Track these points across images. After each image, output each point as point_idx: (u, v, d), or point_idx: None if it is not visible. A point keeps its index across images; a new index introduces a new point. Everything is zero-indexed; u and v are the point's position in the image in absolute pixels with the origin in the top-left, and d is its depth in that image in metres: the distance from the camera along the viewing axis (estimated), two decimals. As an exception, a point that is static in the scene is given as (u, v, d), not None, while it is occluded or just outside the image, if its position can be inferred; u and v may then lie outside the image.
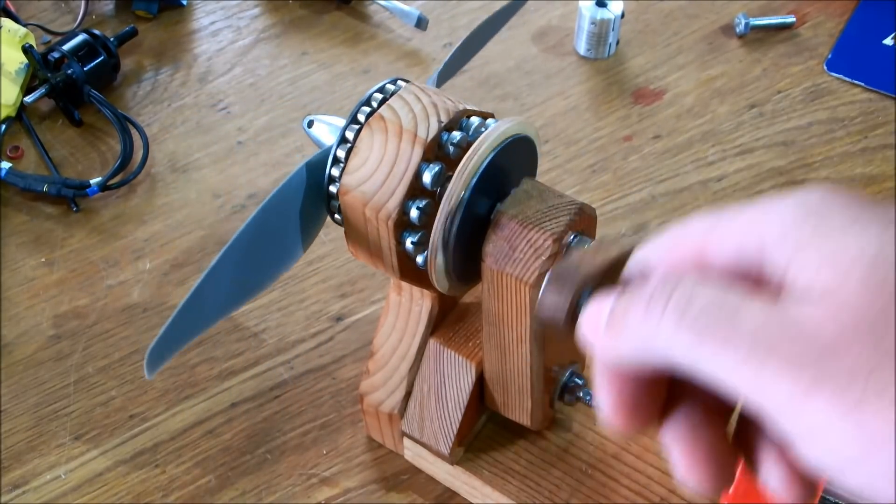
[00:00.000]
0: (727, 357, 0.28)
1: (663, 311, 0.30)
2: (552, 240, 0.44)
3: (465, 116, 0.47)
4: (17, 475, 0.59)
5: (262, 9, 0.85)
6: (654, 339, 0.30)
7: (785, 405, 0.27)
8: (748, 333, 0.28)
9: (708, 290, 0.29)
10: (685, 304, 0.29)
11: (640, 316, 0.30)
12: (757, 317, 0.28)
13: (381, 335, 0.55)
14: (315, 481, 0.59)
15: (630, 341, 0.31)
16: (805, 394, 0.27)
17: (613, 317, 0.32)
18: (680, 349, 0.29)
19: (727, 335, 0.28)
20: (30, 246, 0.70)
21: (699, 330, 0.29)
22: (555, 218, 0.45)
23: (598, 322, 0.32)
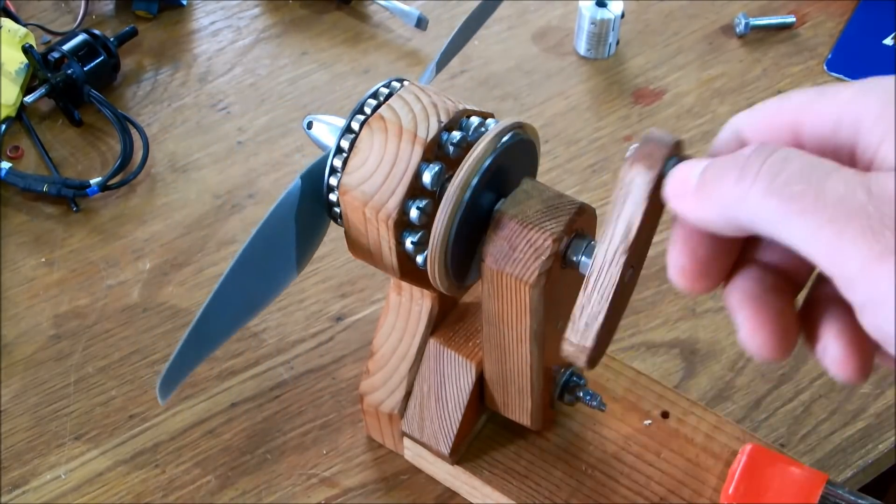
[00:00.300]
0: (810, 221, 0.29)
1: (755, 177, 0.31)
2: (552, 240, 0.44)
3: (465, 116, 0.47)
4: (17, 475, 0.59)
5: (262, 9, 0.85)
6: (744, 204, 0.31)
7: (858, 271, 0.28)
8: (832, 199, 0.29)
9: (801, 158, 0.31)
10: (777, 171, 0.30)
11: (732, 180, 0.31)
12: (843, 185, 0.29)
13: (381, 335, 0.55)
14: (315, 481, 0.59)
15: (719, 204, 0.32)
16: (878, 260, 0.28)
17: (705, 179, 0.33)
18: (767, 214, 0.30)
19: (813, 200, 0.29)
20: (30, 246, 0.70)
21: (788, 195, 0.30)
22: (555, 218, 0.45)
23: (686, 183, 0.34)
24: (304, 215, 0.48)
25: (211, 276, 0.68)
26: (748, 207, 0.31)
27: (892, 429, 0.61)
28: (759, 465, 0.54)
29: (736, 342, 0.65)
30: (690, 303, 0.66)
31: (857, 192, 0.29)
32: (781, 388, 0.63)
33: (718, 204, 0.32)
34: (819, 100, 0.33)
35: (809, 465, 0.56)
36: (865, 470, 0.60)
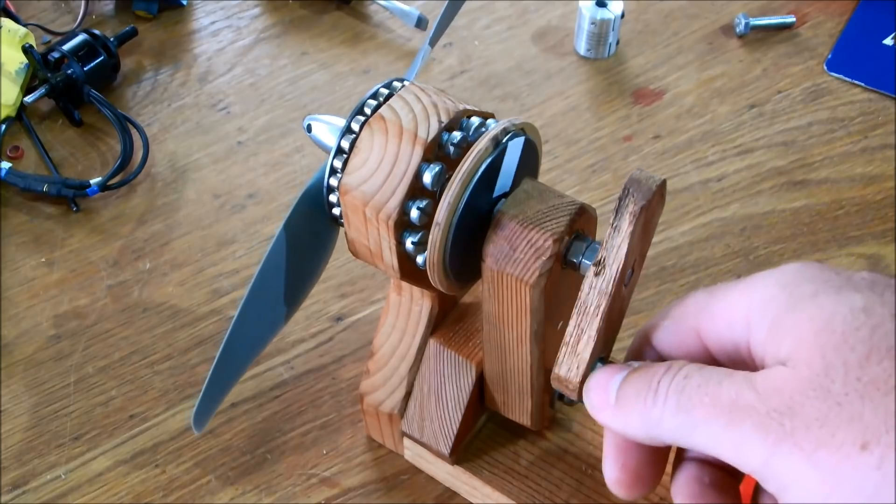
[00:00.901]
0: (713, 427, 0.32)
1: (665, 397, 0.34)
2: (552, 240, 0.44)
3: (465, 116, 0.47)
4: (17, 475, 0.59)
5: (262, 9, 0.85)
6: (659, 423, 0.34)
7: (761, 461, 0.31)
8: (727, 404, 0.32)
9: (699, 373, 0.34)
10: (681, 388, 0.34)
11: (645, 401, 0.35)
12: (734, 389, 0.32)
13: (381, 335, 0.55)
14: (315, 481, 0.59)
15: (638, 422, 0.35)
16: (774, 448, 0.31)
17: (622, 396, 0.36)
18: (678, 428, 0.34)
19: (711, 408, 0.33)
20: (30, 246, 0.70)
21: (690, 408, 0.33)
22: (555, 218, 0.45)
23: (606, 396, 0.37)
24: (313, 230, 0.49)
25: (211, 276, 0.68)
26: (664, 425, 0.34)
27: (892, 429, 0.61)
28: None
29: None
30: (690, 303, 0.66)
31: (744, 392, 0.32)
32: (781, 388, 0.63)
33: (637, 423, 0.35)
34: (711, 303, 0.36)
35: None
36: (865, 470, 0.60)
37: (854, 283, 0.33)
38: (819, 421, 0.30)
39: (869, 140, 0.75)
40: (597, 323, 0.40)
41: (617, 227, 0.40)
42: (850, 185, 0.72)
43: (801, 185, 0.72)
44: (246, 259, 0.69)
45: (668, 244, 0.69)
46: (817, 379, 0.31)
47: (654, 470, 0.39)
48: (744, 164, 0.74)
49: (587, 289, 0.40)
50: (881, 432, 0.29)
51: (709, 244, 0.69)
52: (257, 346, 0.52)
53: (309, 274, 0.53)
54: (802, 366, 0.31)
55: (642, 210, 0.39)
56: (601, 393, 0.37)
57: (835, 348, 0.31)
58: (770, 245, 0.69)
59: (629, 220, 0.39)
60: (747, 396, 0.32)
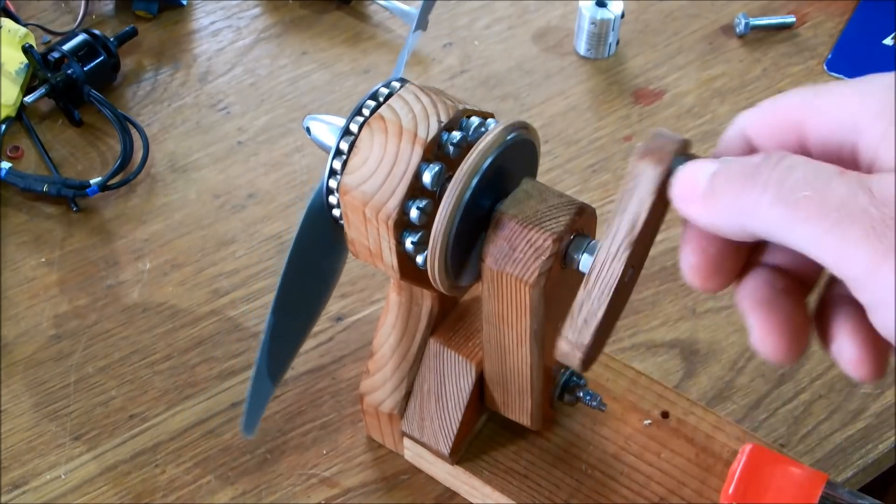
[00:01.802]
0: (815, 227, 0.30)
1: (764, 187, 0.31)
2: (552, 240, 0.44)
3: (465, 116, 0.47)
4: (17, 475, 0.59)
5: (262, 9, 0.85)
6: (753, 213, 0.31)
7: (864, 272, 0.29)
8: (835, 204, 0.30)
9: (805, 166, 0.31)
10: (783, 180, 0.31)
11: (742, 189, 0.32)
12: (845, 189, 0.30)
13: (381, 335, 0.55)
14: (315, 481, 0.59)
15: (728, 212, 0.32)
16: (882, 260, 0.29)
17: (714, 186, 0.33)
18: (775, 222, 0.31)
19: (817, 206, 0.30)
20: (30, 246, 0.70)
21: (794, 202, 0.30)
22: (555, 218, 0.45)
23: (694, 187, 0.34)
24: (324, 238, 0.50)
25: (211, 276, 0.68)
26: (758, 217, 0.31)
27: (892, 429, 0.61)
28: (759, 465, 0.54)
29: (736, 342, 0.65)
30: (690, 303, 0.66)
31: (858, 195, 0.30)
32: (781, 388, 0.63)
33: (728, 212, 0.33)
34: (818, 98, 0.33)
35: (809, 465, 0.56)
36: (865, 470, 0.60)
37: None
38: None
39: (869, 140, 0.75)
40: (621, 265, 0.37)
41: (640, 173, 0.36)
42: (850, 185, 0.72)
43: (801, 185, 0.72)
44: (246, 259, 0.69)
45: (668, 244, 0.69)
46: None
47: (734, 262, 0.35)
48: (744, 164, 0.74)
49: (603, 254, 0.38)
50: None
51: (709, 244, 0.69)
52: (292, 349, 0.53)
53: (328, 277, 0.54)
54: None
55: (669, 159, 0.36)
56: (690, 182, 0.34)
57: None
58: (770, 245, 0.69)
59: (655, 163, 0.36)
60: (861, 199, 0.29)
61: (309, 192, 0.72)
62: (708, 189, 0.33)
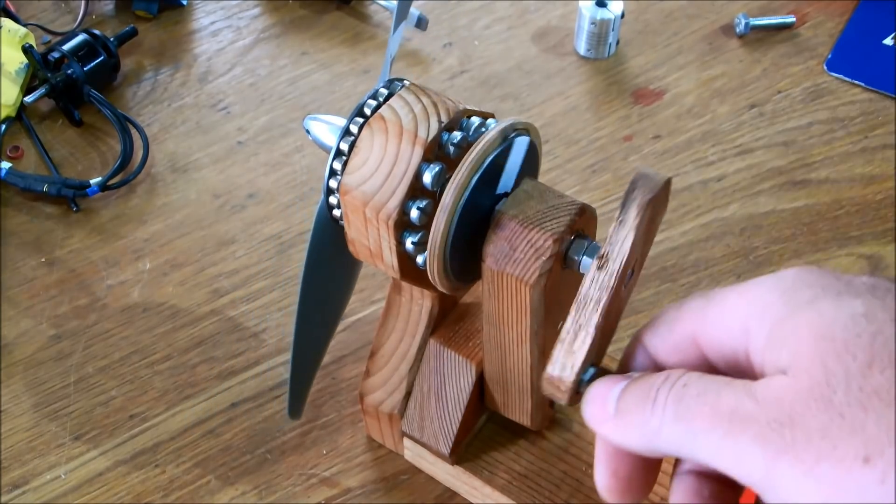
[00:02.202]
0: (711, 437, 0.31)
1: (664, 407, 0.33)
2: (552, 240, 0.44)
3: (465, 116, 0.47)
4: (17, 475, 0.59)
5: (262, 9, 0.85)
6: (658, 432, 0.33)
7: (761, 473, 0.30)
8: (726, 414, 0.31)
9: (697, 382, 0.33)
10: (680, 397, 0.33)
11: (645, 410, 0.34)
12: (733, 398, 0.32)
13: (381, 335, 0.55)
14: (315, 481, 0.59)
15: (637, 433, 0.34)
16: (774, 460, 0.30)
17: (621, 409, 0.35)
18: (677, 438, 0.33)
19: (710, 418, 0.32)
20: (30, 246, 0.70)
21: (690, 418, 0.32)
22: (555, 218, 0.45)
23: (604, 407, 0.36)
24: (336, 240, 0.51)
25: (211, 276, 0.68)
26: (663, 436, 0.33)
27: (892, 429, 0.61)
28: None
29: (736, 342, 0.65)
30: (690, 303, 0.66)
31: (744, 401, 0.31)
32: (781, 388, 0.63)
33: (637, 433, 0.34)
34: (708, 309, 0.35)
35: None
36: (865, 470, 0.60)
37: (854, 288, 0.32)
38: (820, 432, 0.29)
39: (869, 140, 0.75)
40: (596, 318, 0.39)
41: (623, 220, 0.39)
42: (850, 185, 0.72)
43: (801, 185, 0.72)
44: (246, 259, 0.69)
45: (668, 244, 0.69)
46: (818, 388, 0.30)
47: (647, 478, 0.38)
48: (744, 164, 0.74)
49: (588, 283, 0.39)
50: (884, 445, 0.29)
51: (709, 244, 0.69)
52: (325, 336, 0.56)
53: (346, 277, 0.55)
54: (803, 375, 0.30)
55: (649, 203, 0.39)
56: (600, 404, 0.36)
57: (836, 356, 0.30)
58: (770, 245, 0.69)
59: (636, 212, 0.39)
60: (747, 406, 0.31)
61: (309, 192, 0.72)
62: (617, 412, 0.35)
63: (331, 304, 0.55)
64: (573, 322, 0.39)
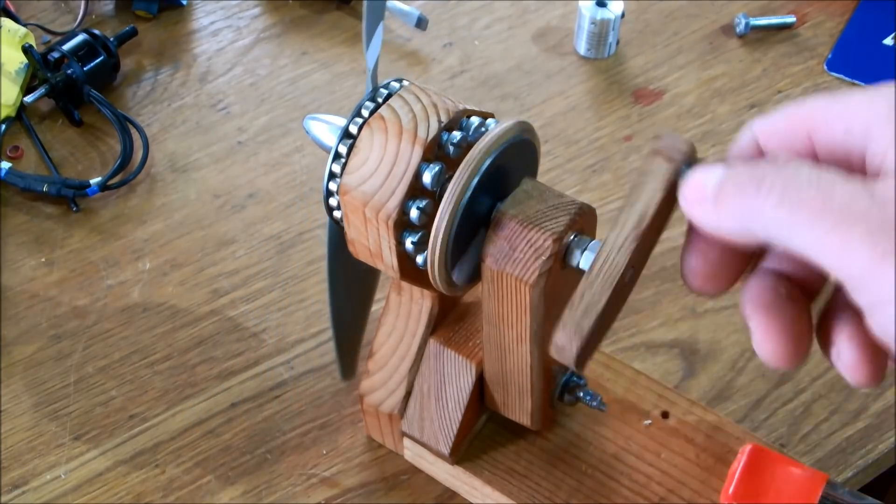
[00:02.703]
0: (817, 228, 0.30)
1: (769, 190, 0.32)
2: (552, 240, 0.44)
3: (465, 116, 0.47)
4: (17, 475, 0.59)
5: (262, 9, 0.85)
6: (759, 216, 0.32)
7: (863, 273, 0.30)
8: (837, 206, 0.30)
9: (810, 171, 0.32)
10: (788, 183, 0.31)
11: (748, 192, 0.32)
12: (848, 192, 0.30)
13: (381, 335, 0.55)
14: (315, 481, 0.59)
15: (734, 214, 0.33)
16: (880, 262, 0.29)
17: (722, 191, 0.34)
18: (779, 224, 0.31)
19: (820, 208, 0.30)
20: (30, 246, 0.70)
21: (797, 204, 0.31)
22: (555, 218, 0.45)
23: (702, 190, 0.34)
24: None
25: (211, 276, 0.68)
26: (762, 219, 0.32)
27: (892, 429, 0.61)
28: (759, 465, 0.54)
29: (736, 342, 0.65)
30: (690, 303, 0.66)
31: (860, 198, 0.30)
32: (781, 388, 0.63)
33: (734, 215, 0.33)
34: (830, 106, 0.34)
35: (809, 465, 0.56)
36: (865, 470, 0.60)
37: None
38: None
39: (869, 140, 0.75)
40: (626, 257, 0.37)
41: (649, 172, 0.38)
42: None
43: (801, 185, 0.72)
44: (246, 259, 0.69)
45: (668, 244, 0.69)
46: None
47: (734, 269, 0.36)
48: (744, 164, 0.74)
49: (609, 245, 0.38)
50: None
51: (709, 244, 0.69)
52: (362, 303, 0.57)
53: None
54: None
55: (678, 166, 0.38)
56: (699, 185, 0.35)
57: None
58: (770, 245, 0.69)
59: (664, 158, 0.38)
60: (863, 202, 0.30)
61: (309, 192, 0.72)
62: (715, 192, 0.34)
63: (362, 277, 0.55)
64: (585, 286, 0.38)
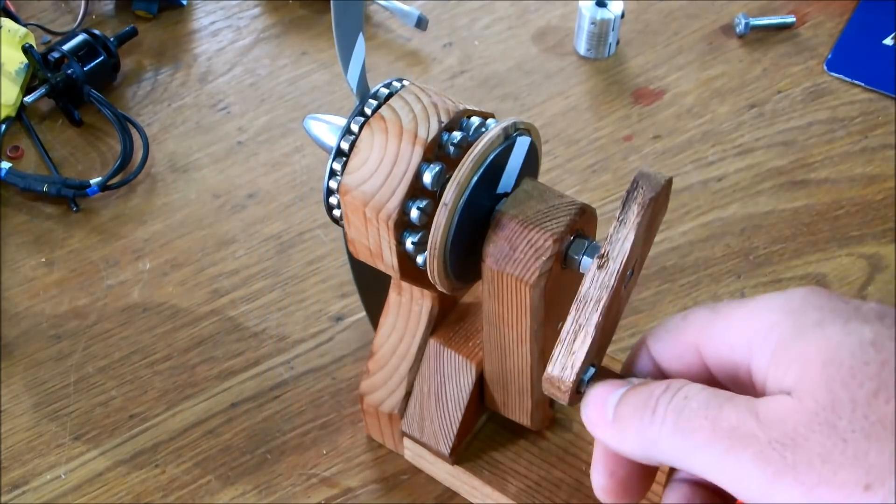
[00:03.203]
0: (711, 454, 0.32)
1: (663, 418, 0.33)
2: (553, 240, 0.44)
3: (465, 116, 0.47)
4: (17, 475, 0.59)
5: (262, 9, 0.85)
6: (656, 442, 0.33)
7: (760, 492, 0.31)
8: (727, 430, 0.32)
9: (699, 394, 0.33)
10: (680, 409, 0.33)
11: (644, 420, 0.34)
12: (735, 415, 0.32)
13: (381, 335, 0.55)
14: (315, 481, 0.59)
15: (635, 440, 0.34)
16: (773, 480, 0.30)
17: (620, 415, 0.35)
18: (675, 450, 0.33)
19: (711, 433, 0.32)
20: (30, 246, 0.70)
21: (690, 432, 0.32)
22: (555, 218, 0.45)
23: (603, 412, 0.36)
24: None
25: (211, 276, 0.68)
26: (660, 446, 0.33)
27: (892, 429, 0.61)
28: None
29: (736, 342, 0.65)
30: (690, 303, 0.66)
31: (746, 420, 0.31)
32: (781, 388, 0.63)
33: (634, 441, 0.34)
34: (713, 322, 0.36)
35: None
36: (865, 470, 0.60)
37: (863, 314, 0.32)
38: (822, 457, 0.30)
39: (869, 140, 0.75)
40: (596, 318, 0.39)
41: (623, 220, 0.39)
42: (850, 185, 0.72)
43: (801, 185, 0.72)
44: (246, 259, 0.69)
45: (668, 244, 0.69)
46: (823, 413, 0.30)
47: (644, 481, 0.38)
48: (744, 164, 0.74)
49: (588, 282, 0.39)
50: (886, 474, 0.29)
51: (709, 244, 0.69)
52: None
53: None
54: (808, 398, 0.31)
55: (651, 202, 0.39)
56: (599, 408, 0.36)
57: (842, 383, 0.30)
58: (770, 245, 0.69)
59: (637, 211, 0.39)
60: (749, 424, 0.31)
61: (309, 192, 0.72)
62: (615, 417, 0.35)
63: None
64: (573, 322, 0.39)
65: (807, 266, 0.68)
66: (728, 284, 0.67)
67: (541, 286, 0.45)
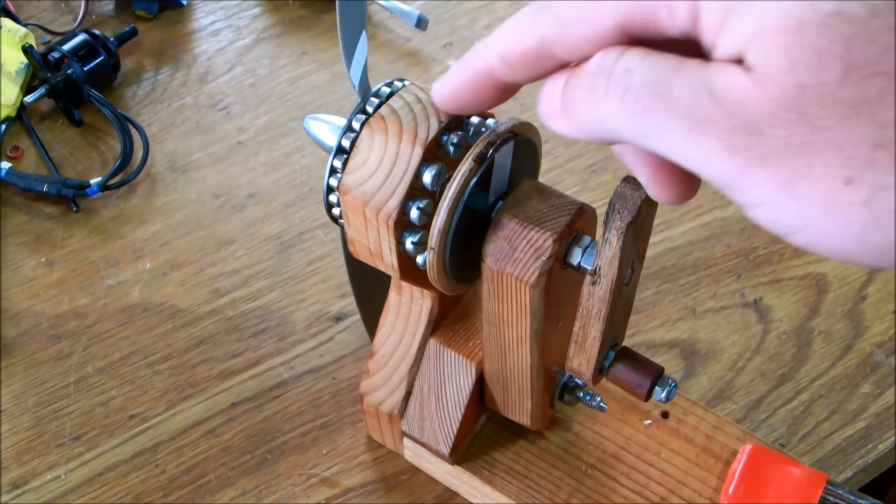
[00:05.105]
0: (670, 135, 0.28)
1: (605, 93, 0.30)
2: (552, 240, 0.44)
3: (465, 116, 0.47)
4: (17, 475, 0.59)
5: (262, 9, 0.85)
6: (605, 123, 0.30)
7: (727, 179, 0.28)
8: (683, 111, 0.28)
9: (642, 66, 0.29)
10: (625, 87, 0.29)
11: (585, 97, 0.31)
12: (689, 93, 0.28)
13: (381, 335, 0.55)
14: (315, 481, 0.59)
15: (586, 123, 0.31)
16: (741, 170, 0.27)
17: (564, 100, 0.32)
18: (629, 130, 0.30)
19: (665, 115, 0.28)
20: (30, 246, 0.70)
21: (640, 113, 0.29)
22: (555, 218, 0.45)
23: (553, 102, 0.33)
24: None
25: (211, 276, 0.68)
26: (610, 126, 0.30)
27: (892, 429, 0.61)
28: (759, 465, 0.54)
29: (736, 342, 0.65)
30: (690, 303, 0.66)
31: (703, 101, 0.28)
32: (781, 388, 0.63)
33: (586, 123, 0.31)
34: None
35: (809, 465, 0.56)
36: (865, 470, 0.60)
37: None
38: (794, 147, 0.26)
39: (869, 140, 0.75)
40: (600, 325, 0.41)
41: (608, 240, 0.40)
42: (850, 185, 0.72)
43: (801, 185, 0.72)
44: (246, 259, 0.69)
45: (668, 244, 0.69)
46: (789, 99, 0.26)
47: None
48: (744, 164, 0.74)
49: (587, 296, 0.41)
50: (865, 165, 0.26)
51: (709, 244, 0.69)
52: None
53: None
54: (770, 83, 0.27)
55: (629, 226, 0.39)
56: (550, 101, 0.33)
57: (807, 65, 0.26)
58: (770, 245, 0.69)
59: (617, 237, 0.40)
60: (705, 105, 0.28)
61: (309, 192, 0.72)
62: (563, 105, 0.32)
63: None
64: (580, 327, 0.41)
65: (807, 266, 0.68)
66: (728, 284, 0.67)
67: (541, 286, 0.45)
